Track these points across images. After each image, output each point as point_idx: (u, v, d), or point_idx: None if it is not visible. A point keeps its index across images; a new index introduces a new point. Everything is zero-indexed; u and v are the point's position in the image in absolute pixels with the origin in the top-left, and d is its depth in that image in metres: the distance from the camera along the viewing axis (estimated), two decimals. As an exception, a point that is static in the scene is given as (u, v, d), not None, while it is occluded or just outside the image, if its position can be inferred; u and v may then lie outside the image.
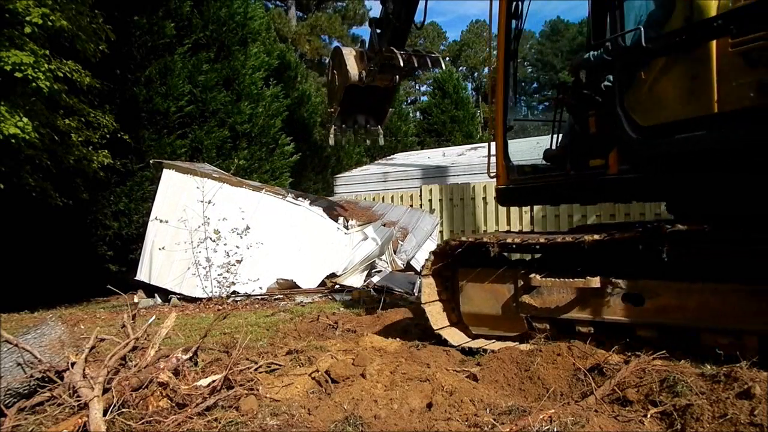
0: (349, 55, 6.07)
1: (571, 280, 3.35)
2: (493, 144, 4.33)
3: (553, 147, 4.15)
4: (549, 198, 4.10)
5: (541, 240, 3.51)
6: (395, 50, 5.49)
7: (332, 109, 6.54)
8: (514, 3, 3.98)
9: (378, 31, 5.77)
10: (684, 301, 2.97)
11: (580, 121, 3.67)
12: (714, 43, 2.78)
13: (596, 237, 3.18)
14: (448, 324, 4.05)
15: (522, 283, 3.64)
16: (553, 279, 3.44)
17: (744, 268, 2.81)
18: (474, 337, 3.98)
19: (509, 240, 3.60)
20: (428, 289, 3.99)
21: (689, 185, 3.08)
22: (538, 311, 3.57)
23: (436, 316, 4.00)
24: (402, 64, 5.48)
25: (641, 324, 3.18)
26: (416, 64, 5.64)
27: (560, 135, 4.16)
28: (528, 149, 5.97)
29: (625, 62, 3.29)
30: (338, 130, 6.78)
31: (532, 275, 3.52)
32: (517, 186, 4.04)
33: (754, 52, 2.51)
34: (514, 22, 4.01)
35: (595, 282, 3.24)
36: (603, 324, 3.31)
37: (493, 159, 4.30)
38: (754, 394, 2.20)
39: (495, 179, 4.24)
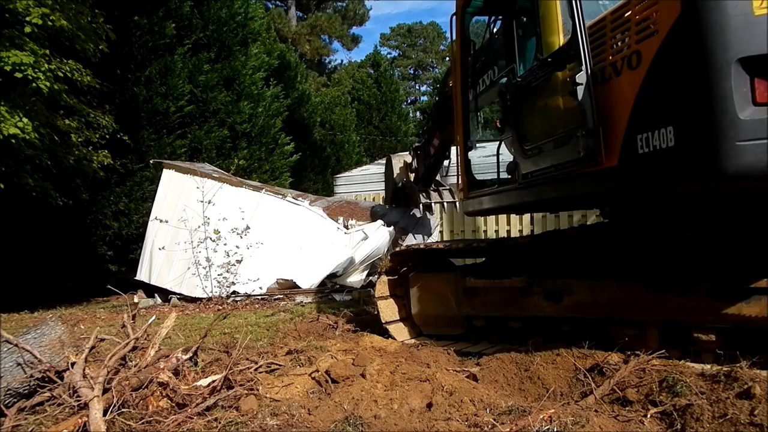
0: (397, 164, 7.51)
1: (500, 280, 3.66)
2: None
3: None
4: (496, 209, 4.41)
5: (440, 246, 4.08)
6: (417, 194, 7.11)
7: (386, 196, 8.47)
8: (468, 42, 4.31)
9: (418, 152, 7.05)
10: (595, 296, 3.22)
11: (504, 141, 3.98)
12: (556, 75, 3.16)
13: (460, 246, 3.95)
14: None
15: (461, 285, 3.92)
16: (485, 280, 3.76)
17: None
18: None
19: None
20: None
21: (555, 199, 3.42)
22: (476, 310, 3.90)
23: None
24: (420, 206, 7.15)
25: (561, 319, 3.42)
26: (431, 201, 7.12)
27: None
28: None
29: (513, 92, 3.65)
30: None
31: (468, 277, 3.84)
32: (475, 198, 4.35)
33: (573, 81, 2.86)
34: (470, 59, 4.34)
35: (520, 281, 3.53)
36: (530, 320, 3.57)
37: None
38: (754, 394, 2.20)
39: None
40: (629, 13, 2.64)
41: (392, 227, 8.34)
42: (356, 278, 8.20)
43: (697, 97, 2.26)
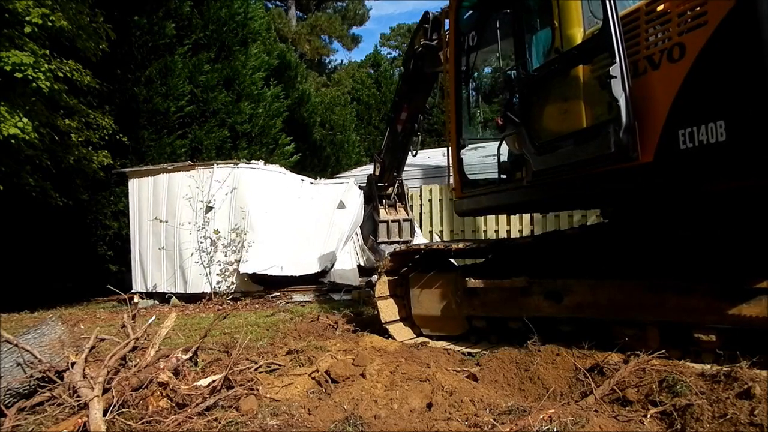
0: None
1: (500, 280, 3.65)
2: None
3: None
4: (495, 209, 4.38)
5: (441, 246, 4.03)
6: (378, 219, 7.70)
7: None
8: (462, 38, 4.21)
9: (380, 155, 7.43)
10: (595, 296, 3.21)
11: (506, 138, 3.89)
12: (581, 68, 3.07)
13: (461, 246, 3.84)
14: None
15: (462, 285, 3.90)
16: (485, 280, 3.73)
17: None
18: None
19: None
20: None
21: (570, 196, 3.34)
22: (476, 310, 3.89)
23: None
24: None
25: (561, 319, 3.40)
26: (389, 217, 7.70)
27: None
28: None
29: (523, 86, 3.54)
30: None
31: (468, 278, 3.81)
32: (470, 198, 4.28)
33: (602, 76, 2.77)
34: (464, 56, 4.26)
35: (520, 282, 3.52)
36: (530, 320, 3.54)
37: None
38: (754, 394, 2.20)
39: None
40: (666, 4, 2.58)
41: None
42: (348, 265, 8.21)
43: (754, 91, 2.21)
